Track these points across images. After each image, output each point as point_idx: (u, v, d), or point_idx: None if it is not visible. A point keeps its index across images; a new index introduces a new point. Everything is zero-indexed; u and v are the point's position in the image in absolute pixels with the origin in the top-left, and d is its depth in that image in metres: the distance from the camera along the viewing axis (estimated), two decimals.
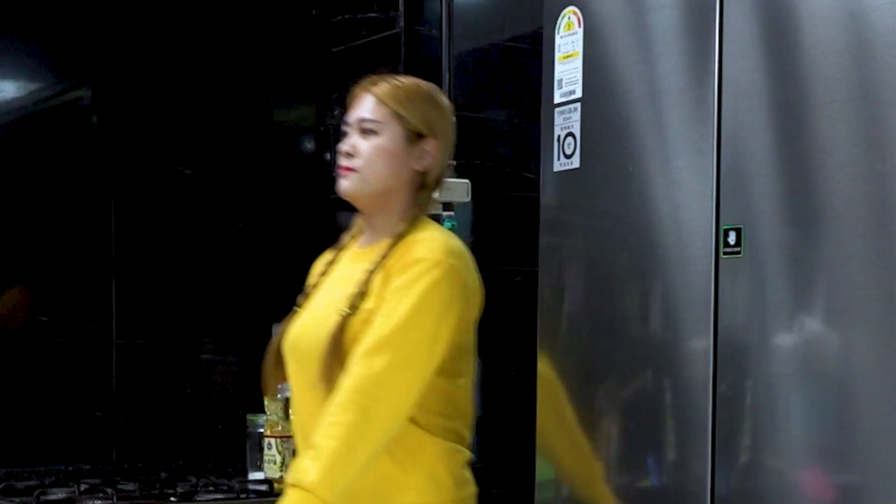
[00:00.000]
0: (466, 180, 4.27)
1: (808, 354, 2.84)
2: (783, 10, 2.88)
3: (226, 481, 4.62)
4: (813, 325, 2.82)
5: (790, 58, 2.87)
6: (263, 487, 4.49)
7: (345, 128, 3.49)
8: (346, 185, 3.46)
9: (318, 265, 3.67)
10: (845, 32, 2.76)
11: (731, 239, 2.97)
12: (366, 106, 3.44)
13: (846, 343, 2.76)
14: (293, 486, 3.17)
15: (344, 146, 3.46)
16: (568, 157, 3.33)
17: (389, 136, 3.44)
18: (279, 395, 4.62)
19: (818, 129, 2.82)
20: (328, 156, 4.97)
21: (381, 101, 3.45)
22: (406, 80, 3.58)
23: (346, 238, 3.64)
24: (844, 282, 2.76)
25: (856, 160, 2.75)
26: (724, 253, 2.98)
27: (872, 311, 2.70)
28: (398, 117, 3.44)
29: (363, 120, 3.44)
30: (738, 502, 2.97)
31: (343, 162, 3.46)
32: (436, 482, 3.30)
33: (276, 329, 5.06)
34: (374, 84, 3.49)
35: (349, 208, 4.86)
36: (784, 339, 2.88)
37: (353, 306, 3.30)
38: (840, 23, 2.77)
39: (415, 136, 3.44)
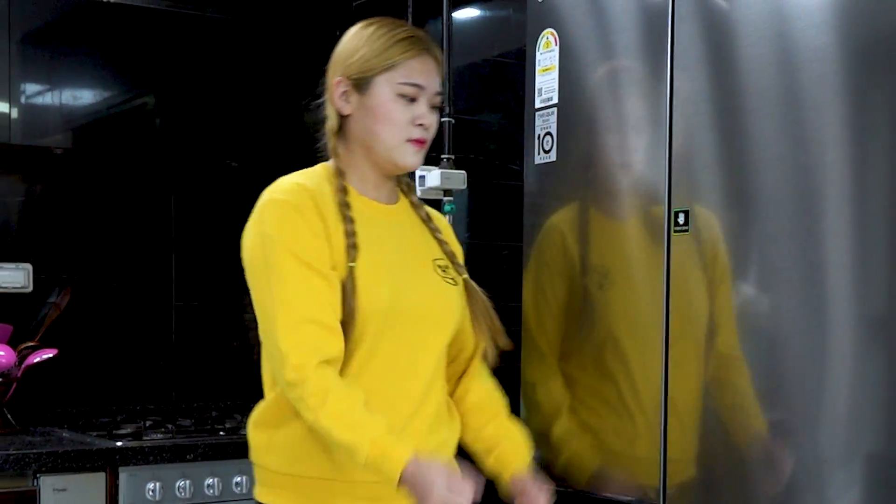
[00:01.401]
0: (463, 171, 4.27)
1: (744, 313, 2.84)
2: (723, 32, 2.88)
3: None
4: (748, 289, 2.83)
5: (729, 71, 2.87)
6: None
7: (408, 90, 2.83)
8: (418, 161, 2.91)
9: (329, 209, 2.83)
10: (774, 50, 2.76)
11: (681, 219, 2.96)
12: (436, 78, 2.89)
13: (775, 304, 2.77)
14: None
15: (423, 119, 2.85)
16: (546, 152, 3.33)
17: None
18: None
19: (752, 129, 2.82)
20: None
21: (440, 73, 2.92)
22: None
23: (336, 185, 2.91)
24: (774, 254, 2.77)
25: (783, 154, 2.75)
26: (675, 230, 2.98)
27: (796, 278, 2.71)
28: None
29: (438, 94, 2.90)
30: (686, 434, 2.97)
31: (418, 134, 2.86)
32: None
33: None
34: (436, 50, 2.93)
35: None
36: (724, 306, 2.89)
37: (455, 280, 2.95)
38: (770, 42, 2.77)
39: None
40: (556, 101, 3.30)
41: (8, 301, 4.50)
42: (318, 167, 3.02)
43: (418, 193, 4.09)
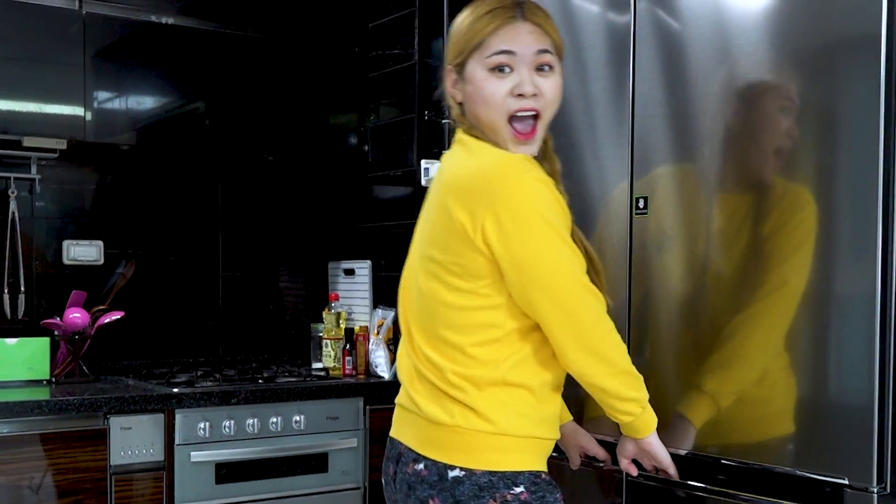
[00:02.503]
0: None
1: (689, 274, 2.85)
2: (676, 47, 2.88)
3: (296, 369, 4.61)
4: (695, 257, 2.82)
5: (681, 79, 2.87)
6: (322, 373, 4.49)
7: (496, 59, 2.39)
8: (525, 149, 2.44)
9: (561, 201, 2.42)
10: (718, 62, 2.76)
11: (641, 204, 2.97)
12: (532, 40, 2.40)
13: (716, 267, 2.77)
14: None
15: (523, 86, 2.39)
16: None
17: (559, 72, 2.47)
18: (334, 310, 4.62)
19: (700, 128, 2.82)
20: (366, 147, 4.95)
21: (545, 33, 2.44)
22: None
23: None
24: (717, 230, 2.77)
25: (725, 149, 2.75)
26: (636, 213, 2.98)
27: (735, 245, 2.71)
28: (559, 50, 2.48)
29: (540, 52, 2.41)
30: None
31: (517, 106, 2.40)
32: None
33: (334, 267, 5.06)
34: (536, 13, 2.44)
35: (384, 182, 4.88)
36: (675, 267, 2.89)
37: None
38: (715, 55, 2.77)
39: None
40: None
41: (83, 272, 4.51)
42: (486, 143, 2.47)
43: (423, 184, 4.10)
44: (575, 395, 2.70)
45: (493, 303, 2.38)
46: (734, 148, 2.74)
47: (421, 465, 2.43)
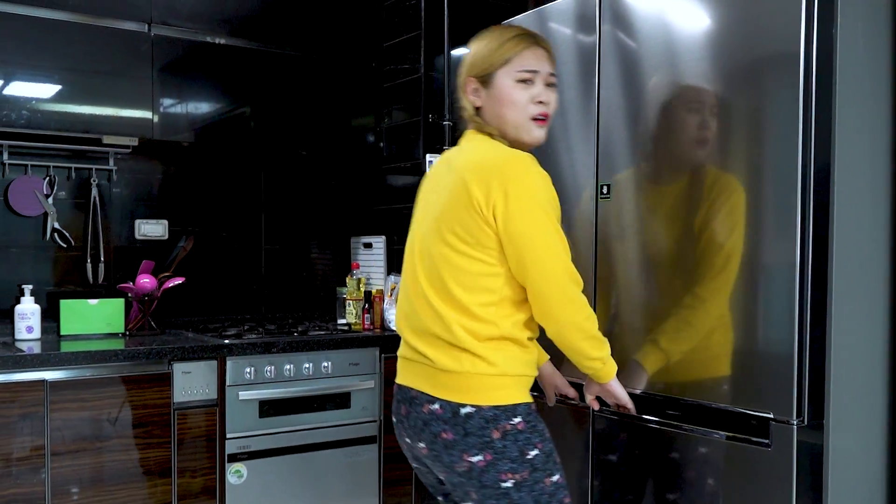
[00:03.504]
0: None
1: (645, 250, 2.83)
2: (633, 62, 2.86)
3: (324, 324, 4.60)
4: (650, 235, 2.81)
5: (637, 89, 2.85)
6: (345, 328, 4.48)
7: (524, 75, 2.53)
8: (542, 134, 2.57)
9: (556, 196, 2.54)
10: (668, 75, 2.74)
11: (605, 190, 2.95)
12: (547, 63, 2.56)
13: (669, 244, 2.75)
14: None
15: (541, 96, 2.54)
16: None
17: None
18: (355, 276, 4.61)
19: (652, 128, 2.80)
20: (381, 144, 4.93)
21: (552, 58, 2.60)
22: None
23: None
24: (670, 213, 2.76)
25: (673, 146, 2.73)
26: (601, 198, 2.96)
27: (680, 223, 2.70)
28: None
29: (551, 74, 2.57)
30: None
31: (539, 110, 2.54)
32: None
33: (355, 241, 5.05)
34: (545, 41, 2.62)
35: (395, 172, 4.86)
36: (633, 244, 2.88)
37: None
38: (665, 69, 2.75)
39: None
40: None
41: (151, 245, 4.50)
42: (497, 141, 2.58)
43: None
44: (555, 347, 2.69)
45: (494, 271, 2.44)
46: (678, 146, 2.72)
47: (436, 405, 2.46)
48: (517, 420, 2.43)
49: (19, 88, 3.97)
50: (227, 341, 3.91)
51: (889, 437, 2.62)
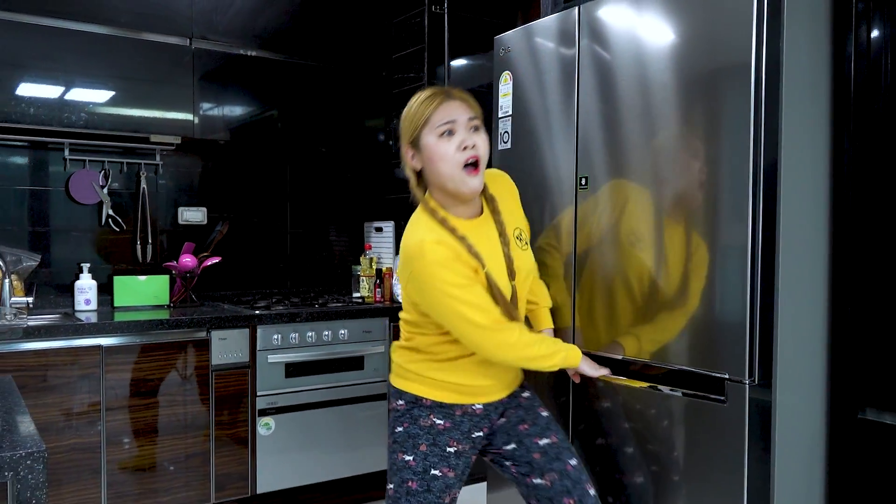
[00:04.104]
0: None
1: (618, 237, 2.83)
2: (607, 72, 2.85)
3: (341, 297, 4.62)
4: (626, 224, 2.80)
5: (611, 95, 2.84)
6: (360, 300, 4.49)
7: (443, 127, 2.41)
8: (477, 182, 2.44)
9: (455, 244, 2.40)
10: (637, 83, 2.74)
11: (583, 182, 2.95)
12: (463, 110, 2.44)
13: (645, 232, 2.75)
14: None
15: (466, 140, 2.41)
16: (505, 143, 3.30)
17: (484, 130, 2.49)
18: (368, 256, 4.62)
19: (623, 129, 2.80)
20: (390, 142, 4.93)
21: (470, 105, 2.47)
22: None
23: (447, 226, 2.44)
24: (640, 203, 2.75)
25: (642, 146, 2.73)
26: (580, 188, 2.96)
27: (650, 216, 2.70)
28: (481, 117, 2.49)
29: (471, 119, 2.45)
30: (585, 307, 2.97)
31: (467, 156, 2.41)
32: None
33: (369, 227, 5.05)
34: (459, 92, 2.50)
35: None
36: (608, 228, 2.88)
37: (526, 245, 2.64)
38: (635, 78, 2.74)
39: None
40: (510, 113, 3.27)
41: (192, 229, 4.51)
42: (422, 216, 2.50)
43: None
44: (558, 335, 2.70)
45: (426, 320, 2.51)
46: (646, 144, 2.72)
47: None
48: (401, 402, 2.57)
49: (79, 94, 3.99)
50: (257, 312, 3.92)
51: (828, 394, 2.64)
